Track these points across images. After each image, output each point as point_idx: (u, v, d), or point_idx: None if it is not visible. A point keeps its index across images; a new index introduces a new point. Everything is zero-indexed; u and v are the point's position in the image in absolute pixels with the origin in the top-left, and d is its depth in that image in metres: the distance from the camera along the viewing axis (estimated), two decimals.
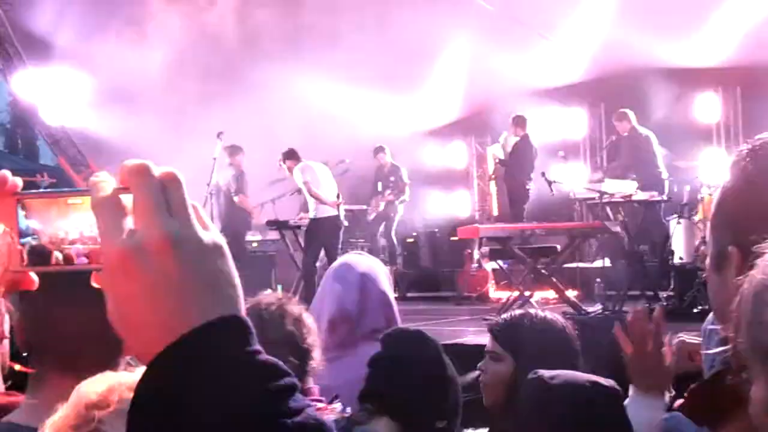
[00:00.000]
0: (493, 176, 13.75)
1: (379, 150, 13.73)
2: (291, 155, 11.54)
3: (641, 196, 10.39)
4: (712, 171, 10.76)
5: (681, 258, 10.01)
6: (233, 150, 12.20)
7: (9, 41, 12.82)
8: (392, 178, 13.73)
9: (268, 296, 3.04)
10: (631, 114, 11.95)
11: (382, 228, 13.93)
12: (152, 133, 12.20)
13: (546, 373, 2.59)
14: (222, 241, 0.84)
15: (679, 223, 10.15)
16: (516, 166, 12.55)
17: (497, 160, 13.04)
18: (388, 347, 2.81)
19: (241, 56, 12.47)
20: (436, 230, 16.14)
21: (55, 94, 13.08)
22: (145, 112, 12.48)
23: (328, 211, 11.24)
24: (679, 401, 1.42)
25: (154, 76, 12.25)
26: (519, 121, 12.57)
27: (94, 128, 13.16)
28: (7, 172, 0.85)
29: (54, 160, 17.09)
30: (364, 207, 13.90)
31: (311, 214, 11.29)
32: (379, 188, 13.81)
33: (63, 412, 1.51)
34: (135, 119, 12.44)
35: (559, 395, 2.50)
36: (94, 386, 1.51)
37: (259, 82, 12.64)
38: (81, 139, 13.66)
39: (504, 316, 3.33)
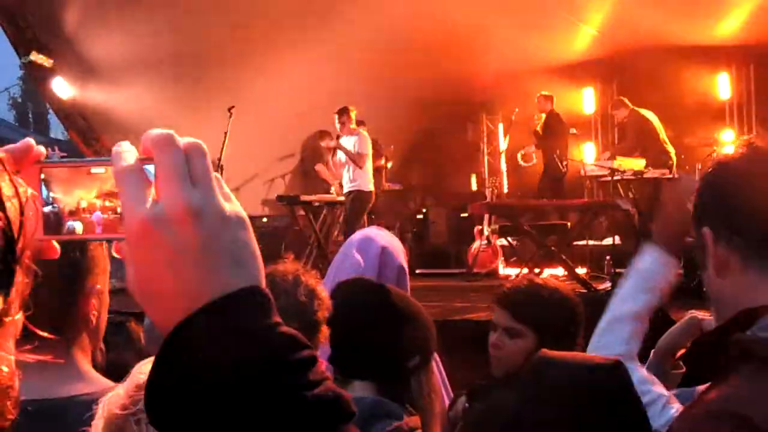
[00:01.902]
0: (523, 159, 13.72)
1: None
2: (349, 113, 11.56)
3: (652, 173, 10.38)
4: (725, 149, 10.73)
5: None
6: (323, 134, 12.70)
7: (20, 14, 12.81)
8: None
9: (287, 265, 3.06)
10: (625, 99, 12.00)
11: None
12: (163, 107, 12.20)
13: (551, 355, 2.58)
14: (243, 213, 0.84)
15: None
16: (549, 142, 12.54)
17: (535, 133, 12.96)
18: (333, 314, 2.75)
19: (255, 30, 12.43)
20: (446, 206, 16.14)
21: (66, 67, 13.09)
22: (156, 86, 12.48)
23: (371, 186, 11.44)
24: (682, 351, 1.52)
25: (165, 49, 12.23)
26: (546, 98, 12.60)
27: (105, 102, 13.16)
28: (31, 141, 0.86)
29: (65, 134, 17.13)
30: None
31: (366, 186, 11.39)
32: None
33: (117, 392, 1.53)
34: (146, 93, 12.44)
35: (559, 373, 2.50)
36: (147, 367, 1.54)
37: (272, 57, 12.62)
38: (92, 113, 13.66)
39: (513, 288, 3.28)
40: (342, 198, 11.75)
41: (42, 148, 0.86)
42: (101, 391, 1.78)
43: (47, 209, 0.86)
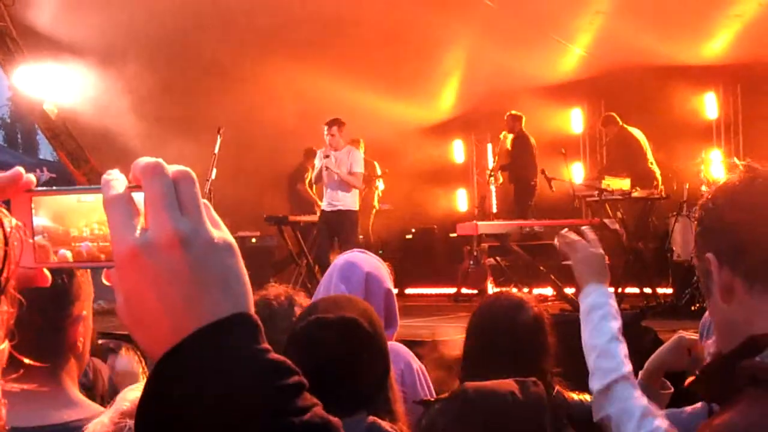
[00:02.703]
0: (490, 179, 13.76)
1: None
2: (340, 125, 11.04)
3: (640, 193, 10.41)
4: (712, 168, 10.78)
5: (678, 255, 10.03)
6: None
7: (9, 35, 12.81)
8: (366, 172, 13.68)
9: (277, 288, 3.07)
10: (615, 116, 12.05)
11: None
12: (153, 128, 12.19)
13: (471, 385, 2.63)
14: (232, 239, 0.85)
15: (677, 220, 10.16)
16: (518, 163, 12.57)
17: (502, 154, 13.03)
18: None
19: (241, 49, 12.46)
20: (435, 227, 16.14)
21: (55, 88, 13.08)
22: (145, 107, 12.47)
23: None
24: (690, 378, 1.51)
25: (155, 70, 12.24)
26: (515, 119, 12.62)
27: (94, 123, 13.14)
28: (21, 169, 0.86)
29: (54, 154, 17.11)
30: None
31: (354, 206, 10.98)
32: None
33: (101, 419, 1.53)
34: (135, 114, 12.43)
35: (478, 407, 2.54)
36: (132, 394, 1.53)
37: (260, 78, 12.64)
38: (81, 134, 13.65)
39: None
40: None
41: (32, 176, 0.86)
42: (91, 417, 1.77)
43: (37, 237, 0.87)
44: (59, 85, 12.95)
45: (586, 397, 3.09)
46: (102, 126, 12.82)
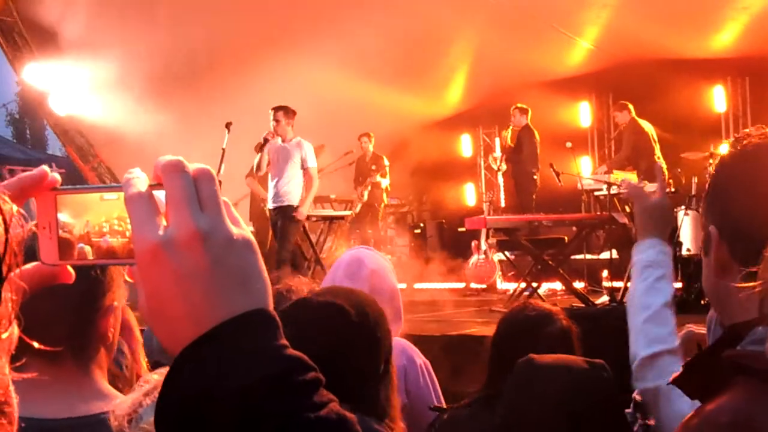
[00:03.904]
0: (498, 168, 13.77)
1: (364, 135, 13.59)
2: (289, 113, 10.52)
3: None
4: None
5: (689, 250, 10.01)
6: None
7: (17, 31, 12.85)
8: (373, 167, 13.64)
9: (299, 281, 3.09)
10: (630, 106, 12.00)
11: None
12: (160, 123, 12.21)
13: (536, 356, 2.61)
14: (251, 237, 0.86)
15: (687, 214, 10.14)
16: (521, 156, 12.57)
17: (502, 148, 13.04)
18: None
19: (249, 46, 12.47)
20: (443, 221, 16.15)
21: (63, 83, 13.12)
22: (153, 102, 12.50)
23: None
24: (675, 374, 1.48)
25: (162, 65, 12.26)
26: (521, 111, 12.60)
27: (102, 118, 13.19)
28: (46, 168, 0.88)
29: (62, 150, 17.14)
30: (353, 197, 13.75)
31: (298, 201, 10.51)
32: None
33: (125, 398, 1.56)
34: (143, 109, 12.46)
35: (545, 375, 2.52)
36: (153, 376, 1.56)
37: (267, 73, 12.64)
38: (89, 130, 13.69)
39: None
40: (348, 212, 11.56)
41: (57, 175, 0.88)
42: None
43: (61, 235, 0.88)
44: (68, 80, 12.98)
45: None
46: (110, 122, 12.85)
